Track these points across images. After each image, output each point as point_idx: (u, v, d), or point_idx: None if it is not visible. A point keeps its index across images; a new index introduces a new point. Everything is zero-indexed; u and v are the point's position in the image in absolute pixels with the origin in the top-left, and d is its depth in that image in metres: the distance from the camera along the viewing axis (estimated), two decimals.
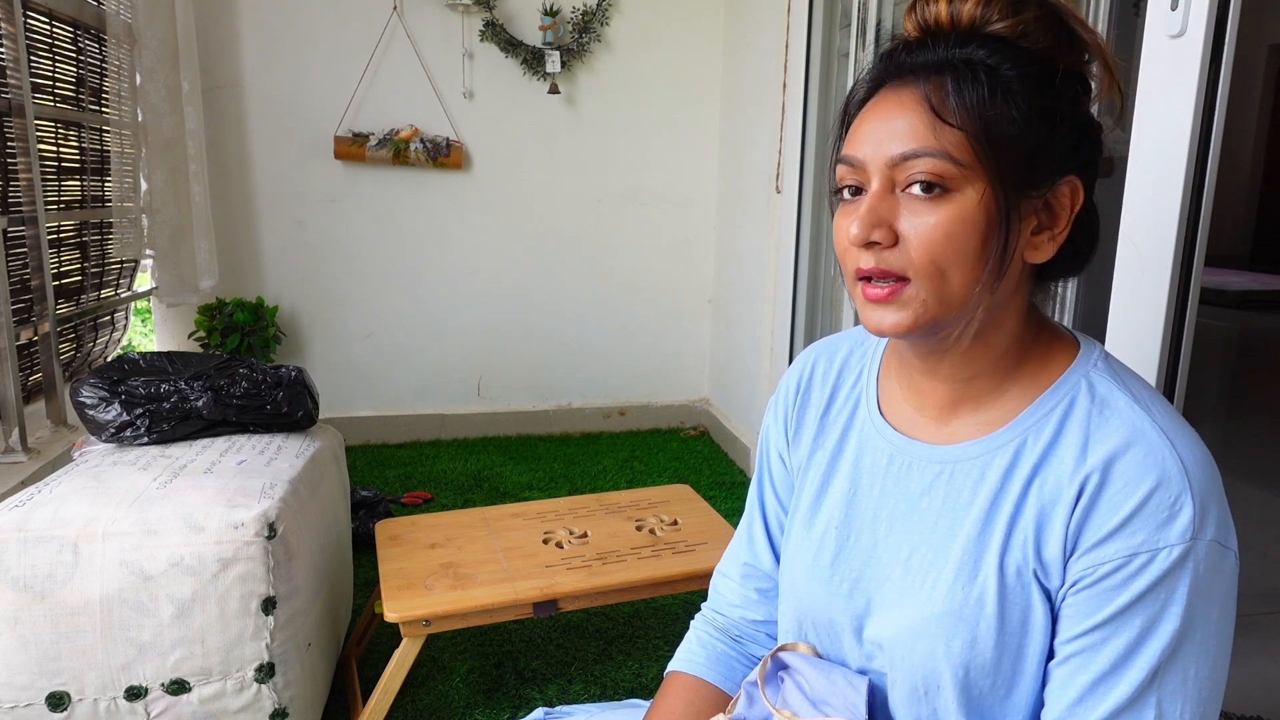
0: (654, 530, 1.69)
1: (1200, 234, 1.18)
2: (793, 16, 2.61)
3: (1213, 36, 1.12)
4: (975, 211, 0.61)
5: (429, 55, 3.00)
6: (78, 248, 2.35)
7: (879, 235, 0.62)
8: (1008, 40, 0.61)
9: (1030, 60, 0.61)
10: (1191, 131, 1.15)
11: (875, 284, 0.64)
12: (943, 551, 0.67)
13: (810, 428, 0.82)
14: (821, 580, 0.74)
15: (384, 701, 1.41)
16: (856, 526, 0.74)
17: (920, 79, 0.62)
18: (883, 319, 0.64)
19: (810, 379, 0.84)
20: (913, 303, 0.63)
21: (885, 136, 0.62)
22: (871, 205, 0.62)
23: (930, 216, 0.61)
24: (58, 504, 1.29)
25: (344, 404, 3.14)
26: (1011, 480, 0.66)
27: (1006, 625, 0.64)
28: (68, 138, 2.27)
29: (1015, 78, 0.61)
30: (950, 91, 0.61)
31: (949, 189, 0.60)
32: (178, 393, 1.59)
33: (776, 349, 2.83)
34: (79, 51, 2.30)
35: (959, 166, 0.60)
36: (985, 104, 0.60)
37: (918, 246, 0.61)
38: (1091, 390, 0.65)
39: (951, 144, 0.60)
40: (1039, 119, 0.61)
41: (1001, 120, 0.60)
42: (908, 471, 0.72)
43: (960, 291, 0.62)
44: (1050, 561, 0.63)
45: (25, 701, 1.24)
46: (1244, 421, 2.50)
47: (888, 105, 0.63)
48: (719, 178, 3.40)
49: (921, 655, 0.66)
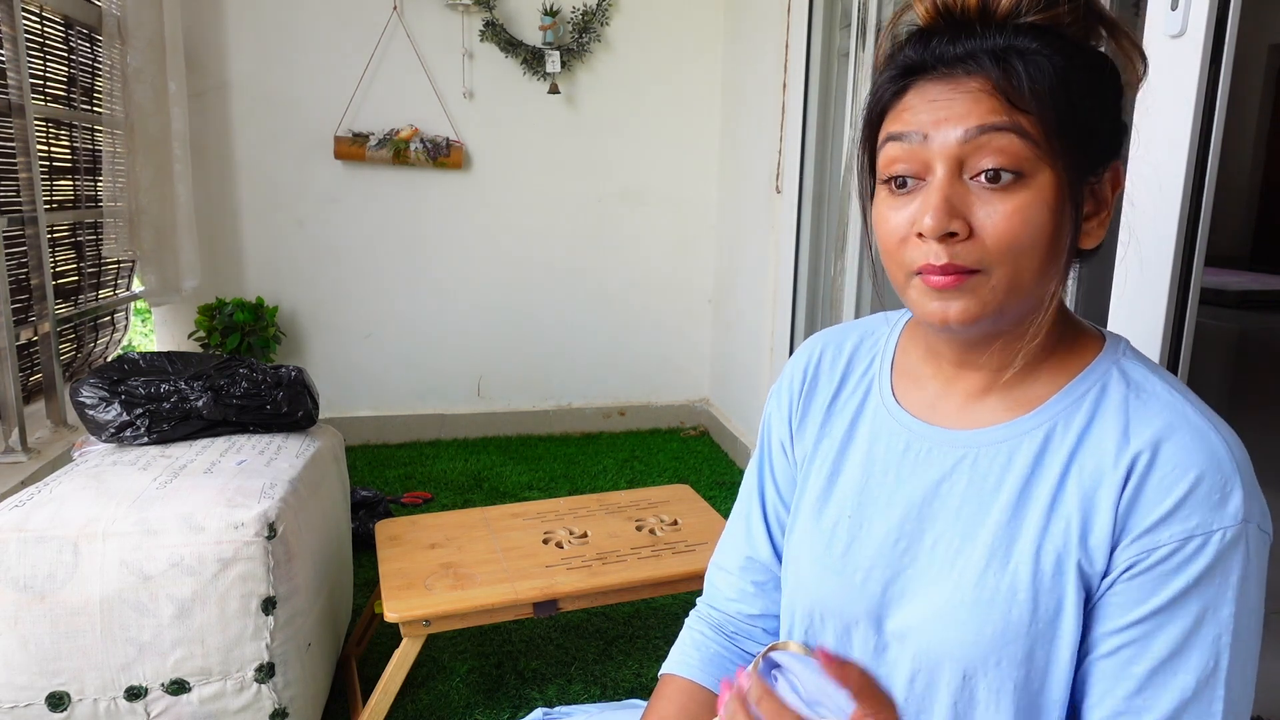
0: (654, 530, 1.69)
1: (1200, 234, 1.18)
2: (793, 16, 2.61)
3: (1213, 36, 1.12)
4: (1050, 197, 0.59)
5: (429, 55, 3.00)
6: (73, 248, 2.34)
7: (957, 226, 0.59)
8: (1049, 30, 0.60)
9: (1078, 49, 0.60)
10: (1191, 131, 1.15)
11: (940, 277, 0.61)
12: (969, 537, 0.66)
13: (817, 416, 0.80)
14: (833, 571, 0.73)
15: (384, 701, 1.41)
16: (870, 515, 0.72)
17: (974, 66, 0.59)
18: (948, 308, 0.61)
19: (818, 367, 0.82)
20: (981, 290, 0.61)
21: (948, 115, 0.59)
22: (945, 194, 0.59)
23: (1006, 204, 0.59)
24: (58, 504, 1.29)
25: (344, 404, 3.14)
26: (1044, 466, 0.64)
27: (1040, 614, 0.62)
28: (59, 137, 2.26)
29: (1071, 66, 0.59)
30: (1021, 76, 0.58)
31: (1023, 174, 0.58)
32: (178, 393, 1.59)
33: (776, 349, 2.83)
34: (71, 51, 2.29)
35: (1034, 147, 0.58)
36: (1053, 89, 0.58)
37: (995, 238, 0.59)
38: (1125, 376, 0.65)
39: (1025, 122, 0.58)
40: (1096, 105, 0.60)
41: (1067, 106, 0.58)
42: (926, 457, 0.70)
43: (1030, 280, 0.61)
44: (1095, 548, 0.61)
45: (25, 701, 1.24)
46: (1244, 421, 2.50)
47: (941, 89, 0.60)
48: (719, 178, 3.40)
49: (951, 642, 0.65)
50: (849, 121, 2.38)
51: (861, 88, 2.31)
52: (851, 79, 2.35)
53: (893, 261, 0.65)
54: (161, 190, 2.53)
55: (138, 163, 2.45)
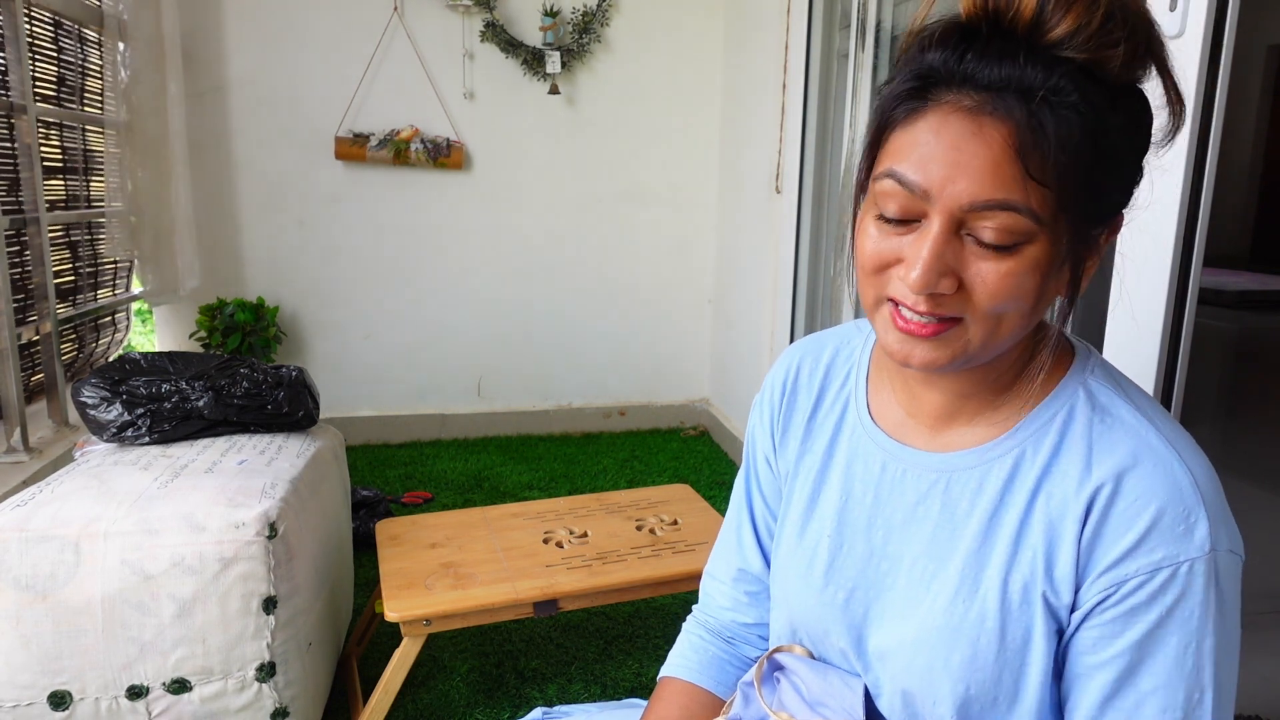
0: (654, 530, 1.70)
1: (1199, 234, 1.18)
2: (793, 16, 2.62)
3: (1211, 37, 1.13)
4: (1044, 260, 0.56)
5: (429, 56, 3.00)
6: (67, 248, 2.34)
7: (945, 286, 0.57)
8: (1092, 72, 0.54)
9: (1117, 98, 0.55)
10: (1190, 132, 1.15)
11: (915, 317, 0.58)
12: (942, 563, 0.66)
13: (797, 431, 0.79)
14: (814, 591, 0.73)
15: (384, 701, 1.41)
16: (850, 536, 0.72)
17: (1001, 104, 0.53)
18: (912, 352, 0.60)
19: (796, 380, 0.81)
20: (955, 342, 0.59)
21: (959, 173, 0.54)
22: (938, 251, 0.56)
23: (1000, 266, 0.56)
24: (59, 504, 1.29)
25: (345, 404, 3.15)
26: (1012, 493, 0.63)
27: (1008, 642, 0.62)
28: (49, 137, 2.25)
29: (1102, 127, 0.54)
30: (1049, 140, 0.53)
31: (1019, 243, 0.55)
32: (179, 393, 1.59)
33: (776, 349, 2.83)
34: (60, 50, 2.28)
35: (1039, 223, 0.54)
36: (1078, 155, 0.53)
37: (984, 297, 0.56)
38: (1091, 399, 0.63)
39: (1037, 200, 0.54)
40: (1117, 166, 0.56)
41: (1086, 173, 0.54)
42: (902, 479, 0.70)
43: (1007, 333, 0.59)
44: (1060, 580, 0.60)
45: (27, 700, 1.25)
46: (1243, 422, 2.50)
47: (960, 129, 0.54)
48: (719, 178, 3.40)
49: (921, 668, 0.65)
50: (849, 122, 2.38)
51: (861, 88, 2.31)
52: (851, 79, 2.35)
53: (867, 282, 0.62)
54: (160, 191, 2.53)
55: (136, 163, 2.45)
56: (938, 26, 0.57)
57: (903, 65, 0.59)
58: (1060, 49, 0.53)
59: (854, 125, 2.36)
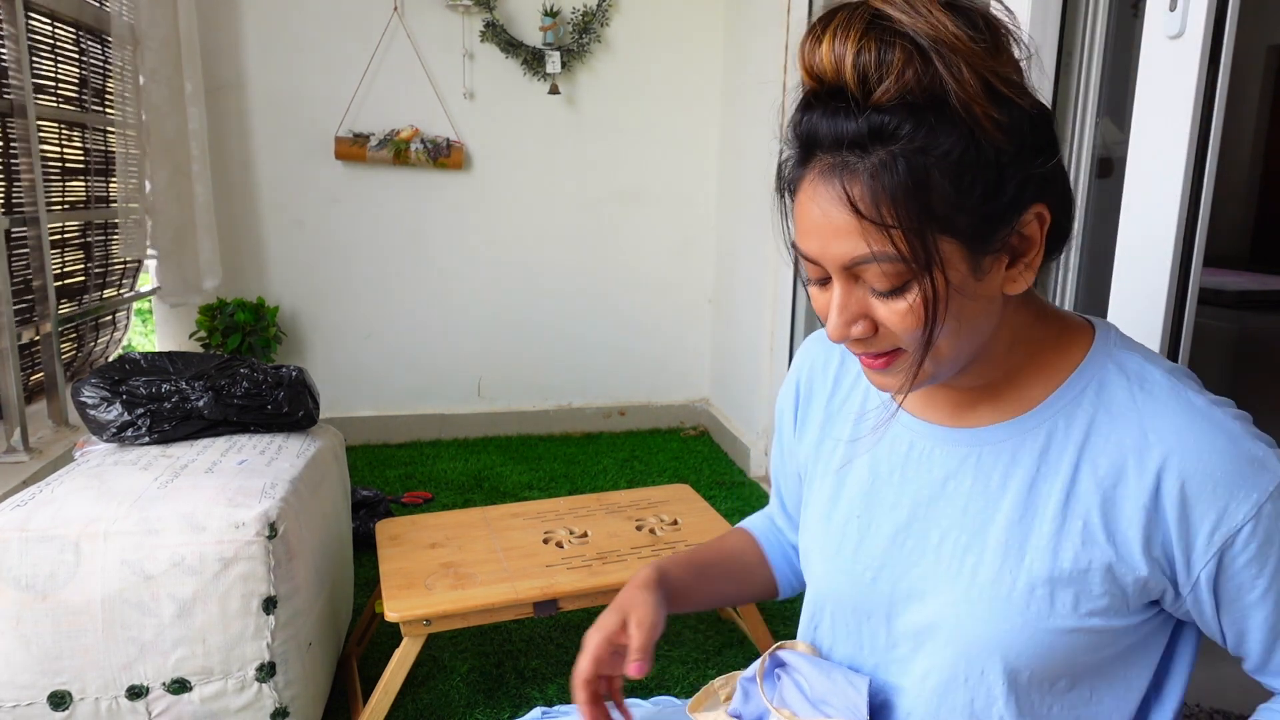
0: (654, 530, 1.70)
1: (1199, 234, 1.18)
2: (792, 16, 2.62)
3: (1211, 37, 1.13)
4: (940, 288, 0.58)
5: (429, 56, 3.00)
6: (81, 248, 2.35)
7: (858, 331, 0.62)
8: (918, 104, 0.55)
9: (944, 116, 0.55)
10: (1190, 132, 1.15)
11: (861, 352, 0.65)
12: (978, 535, 0.67)
13: (817, 416, 0.82)
14: (843, 571, 0.74)
15: (384, 701, 1.41)
16: (878, 515, 0.73)
17: (837, 166, 0.57)
18: (881, 383, 0.66)
19: (811, 372, 0.84)
20: (909, 368, 0.63)
21: (828, 235, 0.59)
22: (842, 304, 0.61)
23: (899, 305, 0.59)
24: (59, 504, 1.29)
25: (345, 404, 3.15)
26: (1049, 464, 0.65)
27: (1057, 609, 0.63)
28: (71, 138, 2.27)
29: (934, 156, 0.55)
30: (871, 189, 0.55)
31: (901, 286, 0.58)
32: (179, 393, 1.59)
33: (776, 349, 2.83)
34: (81, 52, 2.30)
35: (906, 263, 0.57)
36: (911, 195, 0.55)
37: (899, 330, 0.60)
38: (1123, 369, 0.65)
39: (903, 244, 0.56)
40: (979, 180, 0.56)
41: (936, 202, 0.56)
42: (930, 457, 0.71)
43: (949, 351, 0.62)
44: (1126, 546, 0.62)
45: (27, 700, 1.25)
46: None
47: (826, 195, 0.58)
48: (719, 178, 3.40)
49: (966, 641, 0.66)
50: None
51: None
52: None
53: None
54: (179, 190, 2.53)
55: (153, 162, 2.46)
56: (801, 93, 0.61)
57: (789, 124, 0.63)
58: (880, 100, 0.55)
59: None
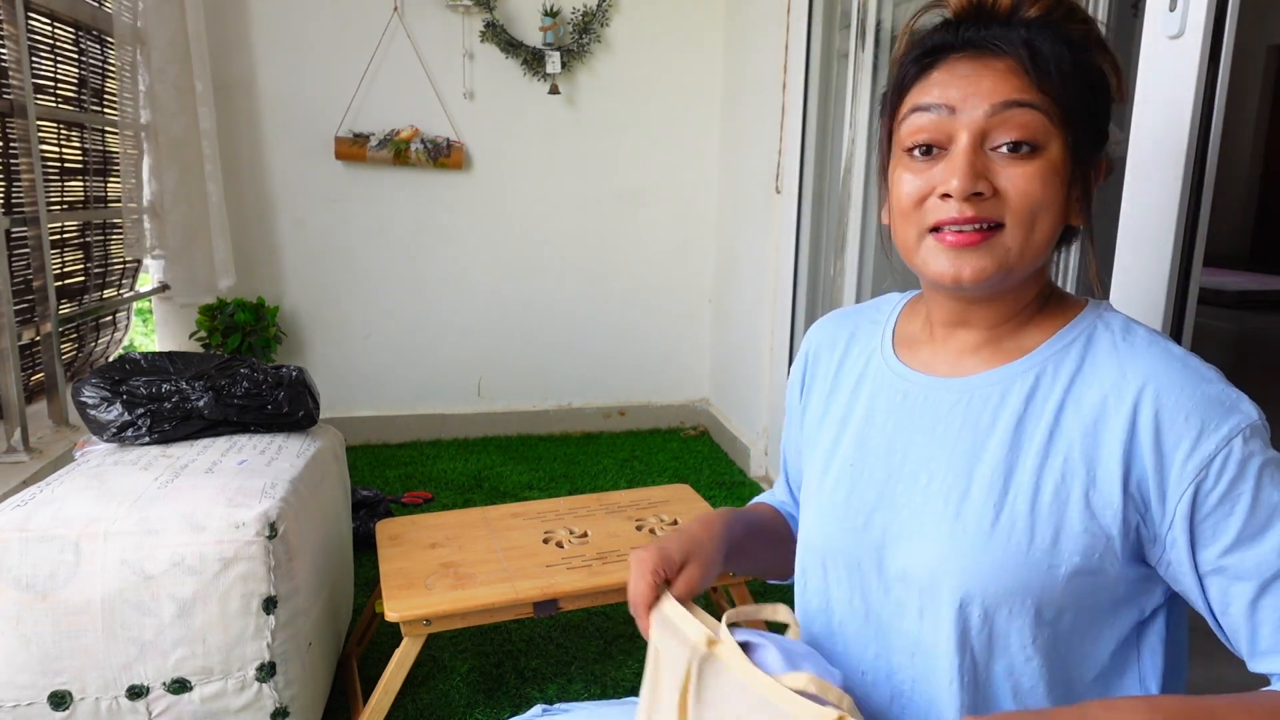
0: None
1: (1199, 234, 1.18)
2: (793, 16, 2.62)
3: (1211, 37, 1.13)
4: (1061, 167, 0.65)
5: (429, 56, 3.00)
6: (81, 248, 2.35)
7: (983, 187, 0.65)
8: (1054, 27, 0.66)
9: (1083, 46, 0.67)
10: (1190, 132, 1.15)
11: (960, 230, 0.66)
12: (965, 473, 0.69)
13: (821, 388, 0.86)
14: (837, 518, 0.77)
15: (384, 701, 1.41)
16: (870, 462, 0.76)
17: (1000, 49, 0.66)
18: (963, 266, 0.67)
19: (819, 347, 0.89)
20: (998, 250, 0.66)
21: (976, 90, 0.65)
22: (971, 159, 0.65)
23: (1026, 169, 0.65)
24: (59, 504, 1.29)
25: (345, 404, 3.15)
26: (1035, 404, 0.69)
27: (1037, 542, 0.65)
28: (70, 138, 2.27)
29: (1082, 61, 0.66)
30: (1048, 59, 0.64)
31: (1040, 146, 0.65)
32: (179, 393, 1.59)
33: (776, 349, 2.83)
34: (81, 52, 2.30)
35: (1051, 124, 0.64)
36: (1072, 74, 0.65)
37: (1017, 198, 0.65)
38: (1109, 325, 0.70)
39: (1045, 106, 0.64)
40: (1098, 99, 0.68)
41: (1080, 91, 0.66)
42: (923, 404, 0.75)
43: (1040, 240, 0.66)
44: (1105, 479, 0.65)
45: (27, 700, 1.25)
46: None
47: (969, 67, 0.66)
48: (719, 178, 3.40)
49: (954, 575, 0.67)
50: (849, 122, 2.38)
51: (861, 88, 2.31)
52: (851, 79, 2.35)
53: (908, 222, 0.69)
54: (190, 190, 2.53)
55: (161, 162, 2.45)
56: (932, 26, 0.70)
57: (901, 59, 0.71)
58: (1042, 18, 0.66)
59: (854, 125, 2.36)
